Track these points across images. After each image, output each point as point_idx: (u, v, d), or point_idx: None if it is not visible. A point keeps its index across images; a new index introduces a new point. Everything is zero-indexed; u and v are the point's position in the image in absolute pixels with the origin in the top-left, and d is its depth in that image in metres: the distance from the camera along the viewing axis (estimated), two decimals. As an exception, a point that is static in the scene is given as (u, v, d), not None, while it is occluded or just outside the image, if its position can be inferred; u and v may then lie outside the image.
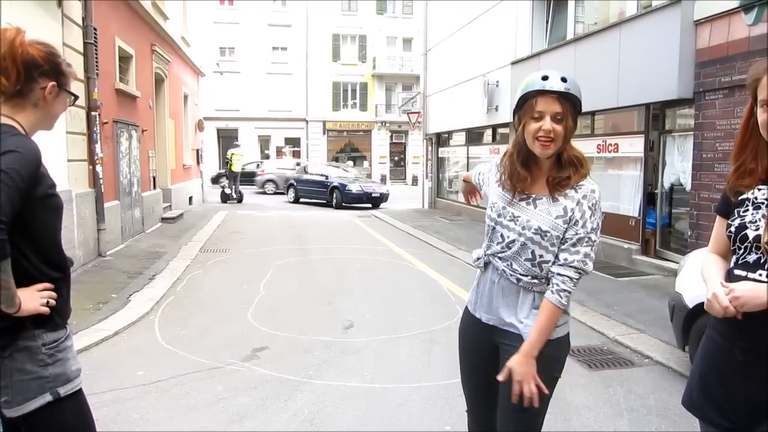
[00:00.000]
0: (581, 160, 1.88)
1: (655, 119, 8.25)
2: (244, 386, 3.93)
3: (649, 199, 8.35)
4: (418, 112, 19.19)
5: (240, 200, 19.01)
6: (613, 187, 9.02)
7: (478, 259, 2.01)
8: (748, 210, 1.60)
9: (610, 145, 9.01)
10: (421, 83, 19.47)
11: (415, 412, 3.56)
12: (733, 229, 1.60)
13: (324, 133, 34.76)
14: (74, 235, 7.05)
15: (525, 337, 1.83)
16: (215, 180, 24.45)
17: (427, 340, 4.93)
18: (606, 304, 6.13)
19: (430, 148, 18.57)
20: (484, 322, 1.98)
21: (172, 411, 3.54)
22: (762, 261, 1.51)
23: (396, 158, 35.45)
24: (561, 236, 1.83)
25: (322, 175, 18.95)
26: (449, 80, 15.85)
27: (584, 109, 7.87)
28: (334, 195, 18.01)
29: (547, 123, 1.78)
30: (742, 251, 1.58)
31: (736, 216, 1.62)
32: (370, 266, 8.47)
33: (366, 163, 35.84)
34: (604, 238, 9.08)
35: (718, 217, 1.78)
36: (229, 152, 19.52)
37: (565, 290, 1.82)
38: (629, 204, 8.74)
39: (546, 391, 1.82)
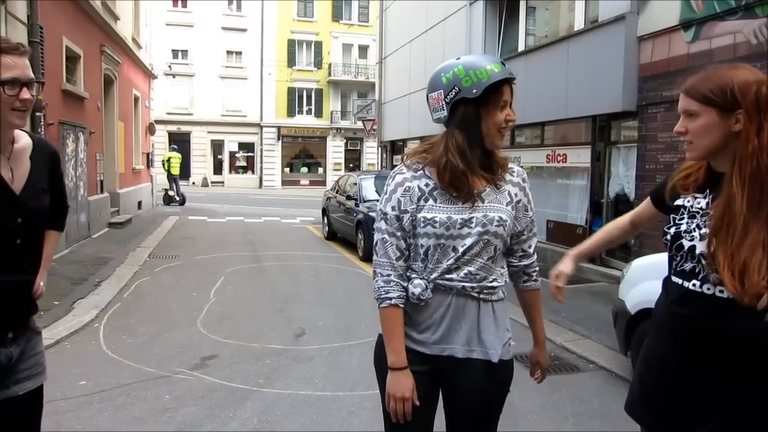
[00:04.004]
0: (500, 147, 1.81)
1: (601, 131, 8.53)
2: (192, 395, 3.85)
3: (595, 208, 8.61)
4: (373, 120, 19.28)
5: (182, 203, 18.68)
6: (562, 196, 9.28)
7: (424, 291, 1.71)
8: (683, 218, 1.63)
9: (559, 155, 9.26)
10: (376, 91, 19.57)
11: (366, 419, 3.56)
12: (669, 237, 1.65)
13: (279, 139, 34.45)
14: (14, 240, 6.75)
15: (493, 359, 1.73)
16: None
17: (379, 346, 4.94)
18: (554, 311, 6.27)
19: (385, 156, 18.66)
20: (436, 359, 1.75)
21: (116, 422, 3.44)
22: (697, 270, 1.56)
23: (351, 165, 35.41)
24: (512, 224, 1.78)
25: (349, 197, 10.74)
26: (404, 88, 15.99)
27: (535, 119, 8.09)
28: (359, 234, 9.76)
29: (511, 112, 1.72)
30: (679, 259, 1.62)
31: (672, 223, 1.66)
32: (323, 273, 8.44)
33: (321, 170, 35.72)
34: (552, 245, 9.33)
35: (648, 199, 1.90)
36: (165, 155, 19.27)
37: (538, 271, 1.93)
38: (577, 213, 9.00)
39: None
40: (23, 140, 1.79)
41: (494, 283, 1.75)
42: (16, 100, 1.61)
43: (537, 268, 1.93)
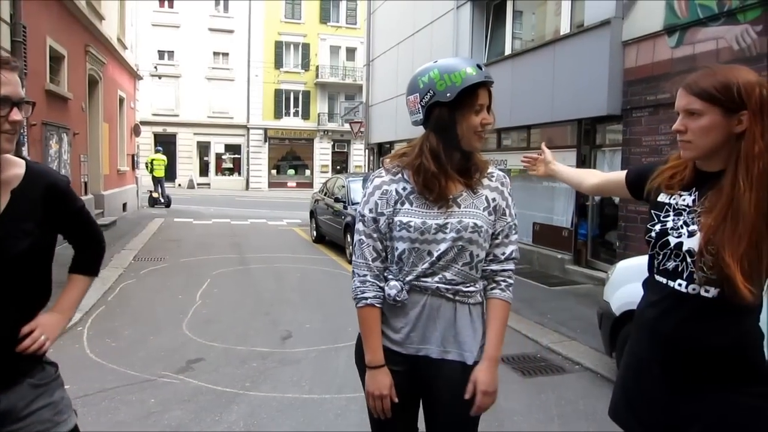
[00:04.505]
0: (478, 150, 1.80)
1: (587, 134, 8.60)
2: (177, 399, 3.82)
3: (581, 210, 8.68)
4: (361, 122, 19.27)
5: (168, 204, 18.54)
6: (548, 199, 9.34)
7: (399, 292, 1.72)
8: (669, 215, 1.62)
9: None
10: (363, 93, 19.58)
11: (353, 421, 3.56)
12: (653, 234, 1.64)
13: (265, 141, 34.33)
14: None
15: (468, 361, 1.73)
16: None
17: (366, 349, 4.93)
18: (540, 313, 6.32)
19: (372, 158, 18.67)
20: (413, 359, 1.76)
21: (100, 426, 3.40)
22: (680, 269, 1.56)
23: (338, 167, 35.38)
24: (490, 230, 1.77)
25: (338, 200, 10.49)
26: (392, 91, 16.01)
27: (521, 123, 8.12)
28: (348, 237, 9.56)
29: (488, 115, 1.72)
30: (662, 257, 1.62)
31: (657, 221, 1.65)
32: (311, 275, 8.42)
33: (308, 172, 35.65)
34: (538, 248, 9.39)
35: (623, 176, 1.91)
36: (149, 157, 19.12)
37: (511, 285, 1.81)
38: (562, 215, 9.06)
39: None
40: (13, 170, 1.56)
41: (471, 288, 1.75)
42: (5, 121, 1.44)
43: (509, 280, 1.81)
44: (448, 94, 1.66)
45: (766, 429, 1.54)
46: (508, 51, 10.82)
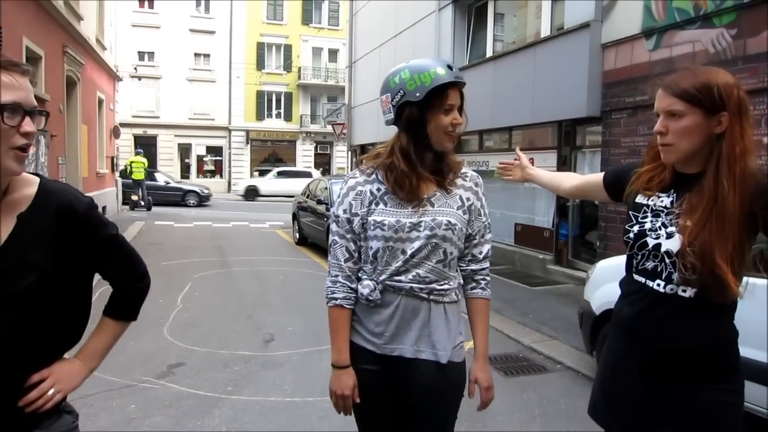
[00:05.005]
0: (450, 150, 1.81)
1: (567, 135, 8.69)
2: (158, 404, 3.78)
3: (561, 211, 8.76)
4: (343, 124, 19.25)
5: (149, 208, 18.34)
6: (529, 199, 9.42)
7: (372, 291, 1.74)
8: (647, 217, 1.63)
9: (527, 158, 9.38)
10: (346, 95, 19.57)
11: (337, 424, 3.54)
12: (632, 235, 1.65)
13: (247, 143, 34.11)
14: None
15: (442, 361, 1.74)
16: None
17: (349, 351, 4.93)
18: (522, 313, 6.37)
19: (355, 160, 18.66)
20: (387, 358, 1.77)
21: (79, 433, 3.35)
22: (659, 270, 1.57)
23: (321, 169, 35.25)
24: (465, 228, 1.79)
25: (320, 202, 10.36)
26: (374, 92, 15.94)
27: (502, 124, 8.16)
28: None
29: (458, 116, 1.73)
30: (640, 257, 1.63)
31: (635, 222, 1.66)
32: (293, 278, 8.39)
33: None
34: (520, 248, 9.46)
35: (601, 179, 1.93)
36: (128, 159, 18.90)
37: (489, 282, 1.87)
38: (544, 216, 9.14)
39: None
40: (23, 190, 1.32)
41: (444, 286, 1.76)
42: (17, 132, 1.23)
43: (487, 278, 1.88)
44: (417, 94, 1.68)
45: (738, 424, 1.58)
46: (489, 53, 10.89)
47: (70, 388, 1.42)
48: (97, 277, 1.52)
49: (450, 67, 1.71)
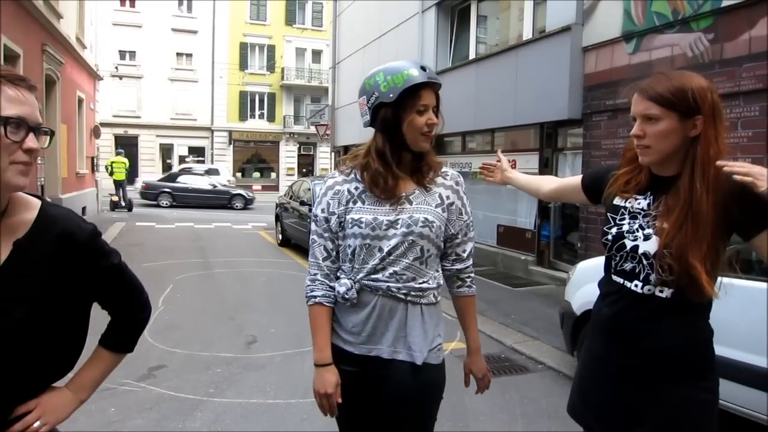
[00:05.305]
0: (430, 150, 1.83)
1: (549, 137, 8.77)
2: (138, 408, 3.75)
3: (543, 212, 8.83)
4: (327, 125, 19.22)
5: (130, 208, 18.16)
6: (511, 201, 9.48)
7: (349, 290, 1.74)
8: (624, 219, 1.66)
9: (509, 161, 9.41)
10: (329, 96, 19.53)
11: (319, 426, 3.53)
12: (610, 237, 1.68)
13: (230, 143, 33.91)
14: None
15: (417, 362, 1.73)
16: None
17: (331, 352, 4.92)
18: (504, 313, 6.41)
19: (338, 161, 18.61)
20: (364, 359, 1.77)
21: (58, 437, 3.31)
22: (637, 271, 1.60)
23: (304, 170, 35.18)
24: (443, 227, 1.79)
25: (303, 203, 10.33)
26: (357, 94, 16.03)
27: (485, 126, 8.19)
28: None
29: (432, 116, 1.73)
30: (619, 259, 1.66)
31: (613, 224, 1.69)
32: (276, 279, 8.35)
33: (273, 175, 35.35)
34: (502, 249, 9.52)
35: (579, 181, 1.96)
36: (109, 160, 18.74)
37: (474, 279, 1.90)
38: (526, 217, 9.21)
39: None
40: (22, 214, 1.26)
41: (423, 285, 1.76)
42: (19, 148, 1.17)
43: (472, 275, 1.90)
44: (390, 95, 1.70)
45: (713, 422, 1.61)
46: (472, 55, 10.95)
47: (57, 420, 1.37)
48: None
49: (423, 68, 1.72)
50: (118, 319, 1.50)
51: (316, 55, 35.02)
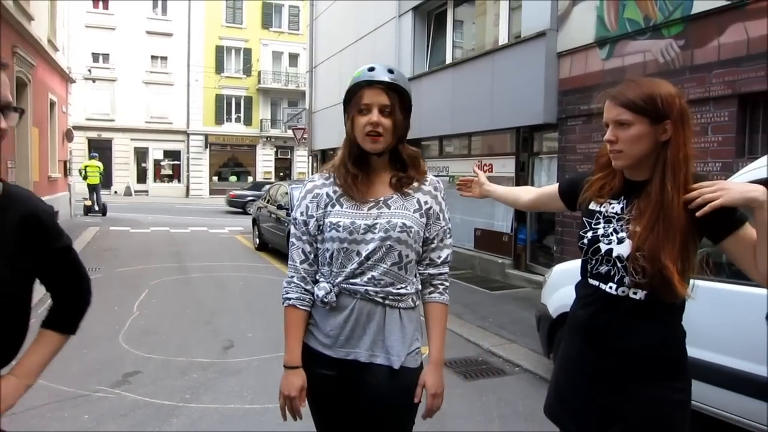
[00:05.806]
0: (418, 158, 1.84)
1: (525, 142, 8.86)
2: (113, 414, 3.69)
3: (520, 216, 8.91)
4: (304, 128, 19.17)
5: (104, 213, 17.88)
6: (488, 205, 9.54)
7: (328, 294, 1.74)
8: (599, 223, 1.70)
9: (486, 165, 9.53)
10: (306, 99, 19.50)
11: (296, 431, 3.52)
12: (586, 241, 1.72)
13: (206, 147, 33.58)
14: None
15: (395, 366, 1.73)
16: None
17: (309, 357, 4.91)
18: (481, 317, 6.45)
19: (315, 165, 18.59)
20: (342, 362, 1.76)
21: (29, 446, 3.24)
22: (612, 273, 1.64)
23: (281, 174, 35.00)
24: (422, 232, 1.78)
25: (281, 207, 10.30)
26: (335, 97, 16.00)
27: (462, 130, 8.25)
28: None
29: (374, 115, 1.69)
30: (594, 262, 1.70)
31: (588, 228, 1.73)
32: (253, 283, 8.29)
33: (250, 179, 35.09)
34: (480, 253, 9.58)
35: (556, 189, 2.00)
36: (83, 163, 18.52)
37: (447, 287, 1.85)
38: (503, 221, 9.29)
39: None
40: None
41: (401, 291, 1.75)
42: None
43: (446, 283, 1.86)
44: (345, 97, 1.76)
45: (686, 421, 1.64)
46: (449, 60, 11.02)
47: (4, 408, 1.34)
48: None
49: (372, 69, 1.72)
50: (65, 301, 1.49)
51: (293, 58, 34.90)
